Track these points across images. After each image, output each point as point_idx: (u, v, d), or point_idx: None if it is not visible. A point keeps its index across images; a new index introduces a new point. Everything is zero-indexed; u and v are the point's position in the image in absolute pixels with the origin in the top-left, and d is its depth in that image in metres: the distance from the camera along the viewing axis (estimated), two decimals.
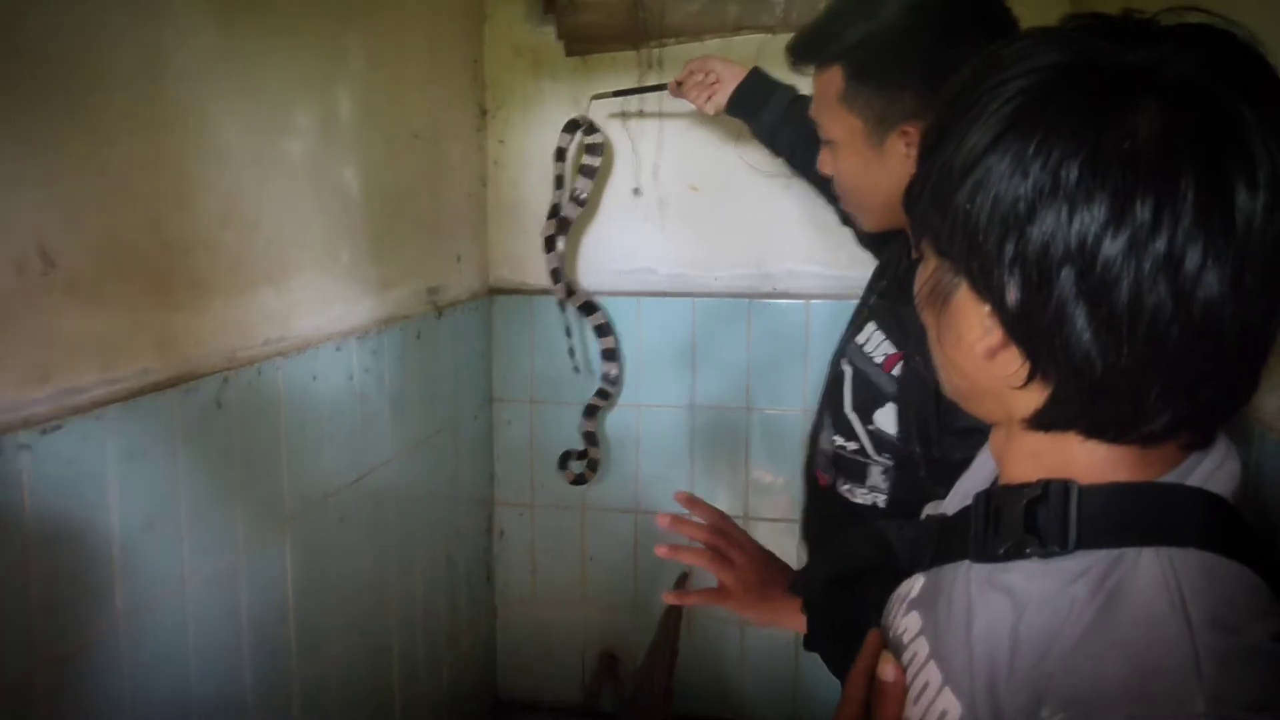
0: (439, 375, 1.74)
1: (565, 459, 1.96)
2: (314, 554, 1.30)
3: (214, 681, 1.09)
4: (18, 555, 0.83)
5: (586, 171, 1.81)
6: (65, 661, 0.87)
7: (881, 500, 1.13)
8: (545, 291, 1.92)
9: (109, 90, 0.93)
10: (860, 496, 1.14)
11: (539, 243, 1.88)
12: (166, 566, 1.01)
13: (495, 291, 2.02)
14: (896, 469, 1.10)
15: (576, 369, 1.92)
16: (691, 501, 1.04)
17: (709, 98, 1.55)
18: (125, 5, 0.94)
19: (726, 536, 1.01)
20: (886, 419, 1.09)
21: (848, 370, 1.16)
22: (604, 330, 1.92)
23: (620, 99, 1.82)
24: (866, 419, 1.12)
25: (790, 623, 0.99)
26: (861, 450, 1.13)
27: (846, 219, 1.47)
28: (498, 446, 2.06)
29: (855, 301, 1.81)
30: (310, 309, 1.30)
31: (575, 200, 1.82)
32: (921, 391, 1.03)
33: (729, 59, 1.56)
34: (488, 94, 1.96)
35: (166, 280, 1.01)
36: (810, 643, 0.97)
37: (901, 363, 1.07)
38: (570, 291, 1.87)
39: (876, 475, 1.12)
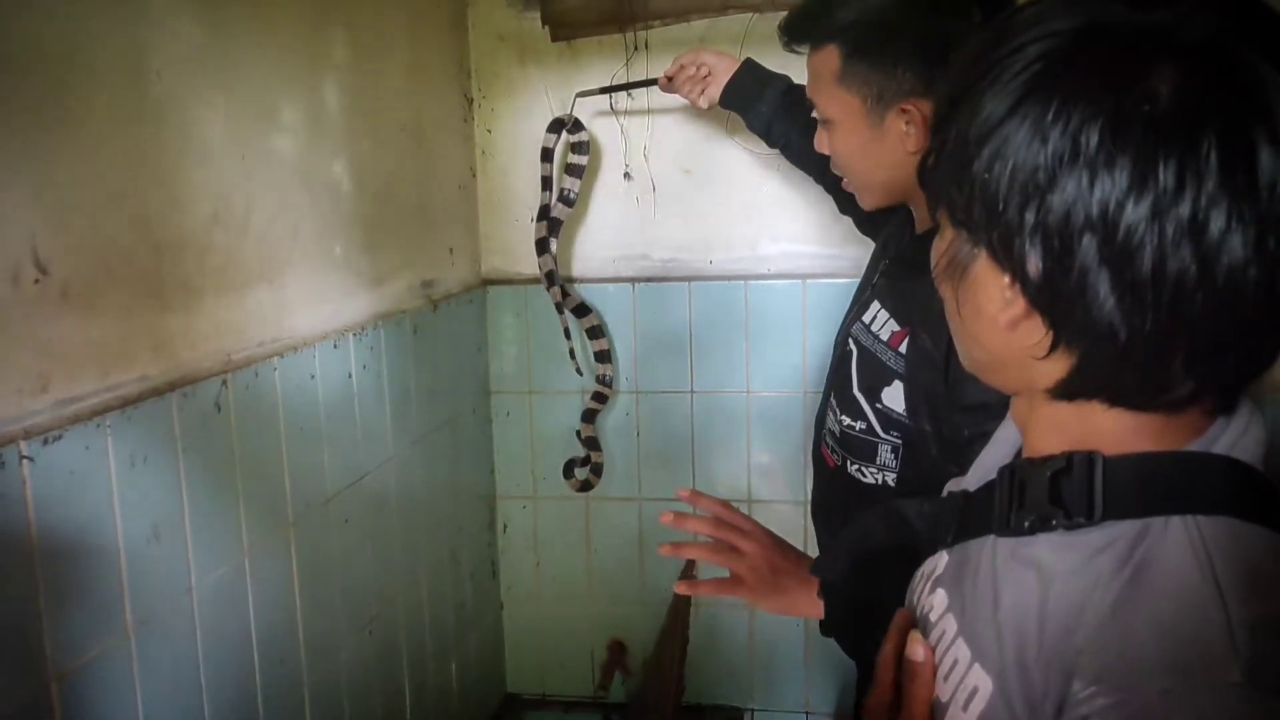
0: (437, 369, 1.73)
1: (569, 467, 1.95)
2: (319, 556, 1.29)
3: (225, 689, 1.08)
4: (24, 569, 0.81)
5: (574, 171, 1.79)
6: (76, 675, 0.86)
7: (891, 479, 1.12)
8: (539, 280, 1.91)
9: (95, 93, 0.91)
10: (870, 476, 1.14)
11: (531, 235, 1.87)
12: (173, 575, 1.00)
13: (489, 282, 2.00)
14: (905, 447, 1.10)
15: (579, 372, 1.91)
16: (695, 496, 1.03)
17: (702, 91, 1.53)
18: (108, 7, 0.92)
19: (733, 527, 1.00)
20: (894, 397, 1.09)
21: (854, 350, 1.16)
22: (597, 332, 1.89)
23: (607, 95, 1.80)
24: (874, 398, 1.11)
25: (805, 609, 0.98)
26: (869, 429, 1.13)
27: (845, 208, 1.46)
28: (497, 439, 2.05)
29: (850, 280, 1.81)
30: (305, 307, 1.28)
31: (564, 200, 1.80)
32: (929, 368, 1.02)
33: (721, 50, 1.54)
34: (473, 83, 1.94)
35: (160, 283, 1.00)
36: (827, 627, 0.96)
37: (908, 339, 1.07)
38: (565, 294, 1.85)
39: (885, 454, 1.12)
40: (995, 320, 0.56)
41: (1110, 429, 0.56)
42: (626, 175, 1.91)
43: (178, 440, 1.00)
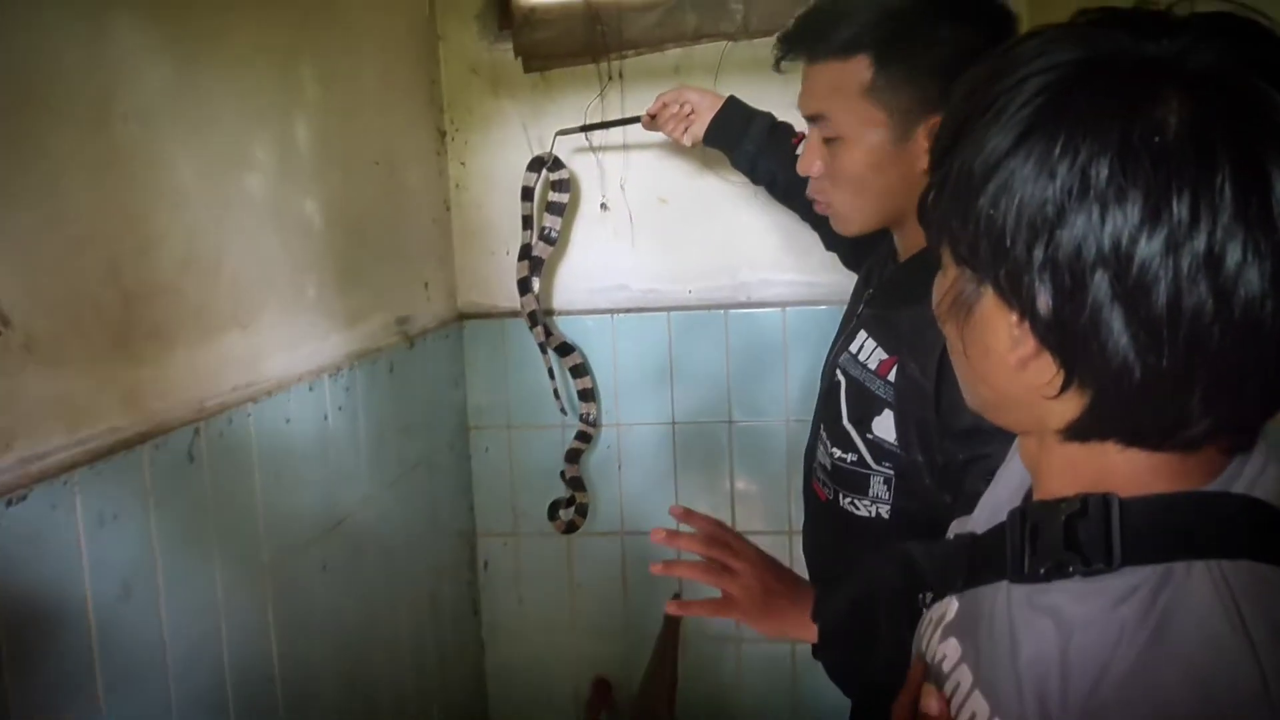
0: (414, 407, 1.69)
1: (554, 508, 1.92)
2: (297, 605, 1.25)
3: None
4: None
5: (554, 209, 1.77)
6: None
7: (885, 511, 1.10)
8: (516, 313, 1.88)
9: (59, 137, 0.87)
10: (863, 509, 1.12)
11: (507, 266, 1.84)
12: (146, 635, 0.95)
13: (465, 316, 1.97)
14: (898, 478, 1.08)
15: (564, 411, 1.88)
16: (687, 514, 1.01)
17: (685, 129, 1.52)
18: (72, 51, 0.90)
19: (725, 546, 0.98)
20: (885, 427, 1.07)
21: (842, 380, 1.14)
22: (580, 371, 1.87)
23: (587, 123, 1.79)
24: (864, 429, 1.09)
25: (798, 631, 0.96)
26: (861, 461, 1.11)
27: (831, 244, 1.45)
28: (477, 476, 2.01)
29: (830, 307, 1.80)
30: (279, 349, 1.25)
31: (545, 239, 1.78)
32: (919, 396, 1.01)
33: (703, 89, 1.53)
34: (446, 116, 1.92)
35: (128, 332, 0.96)
36: (819, 651, 0.94)
37: (896, 367, 1.05)
38: (549, 333, 1.82)
39: (878, 486, 1.10)
40: (1004, 359, 0.54)
41: (1125, 469, 0.54)
42: (603, 206, 1.89)
43: (149, 493, 0.96)
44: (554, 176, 1.76)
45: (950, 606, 0.65)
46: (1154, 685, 0.47)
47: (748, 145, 1.45)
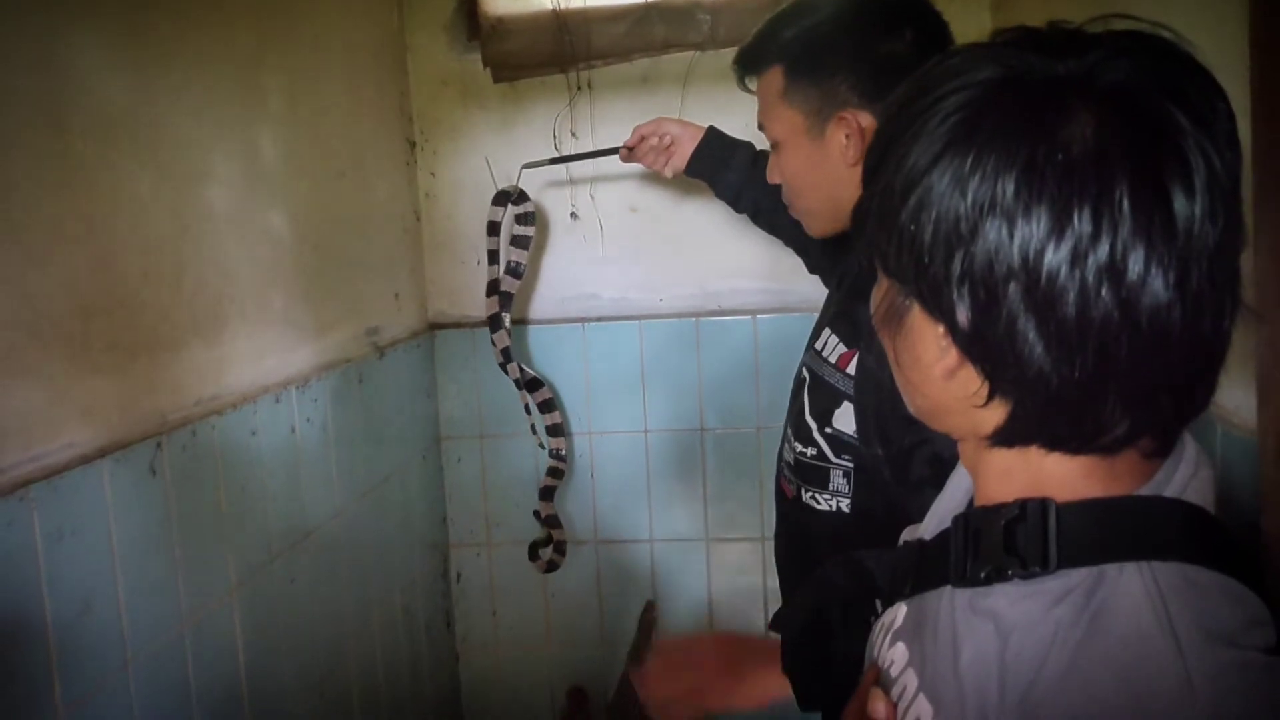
0: (384, 418, 1.69)
1: (534, 549, 1.91)
2: (265, 620, 1.24)
3: None
4: None
5: (520, 242, 1.76)
6: None
7: (845, 505, 1.12)
8: (486, 324, 1.88)
9: (15, 152, 0.87)
10: (823, 503, 1.13)
11: (479, 275, 1.84)
12: (107, 651, 0.95)
13: (436, 326, 1.97)
14: (857, 471, 1.10)
15: (543, 446, 1.89)
16: None
17: (666, 161, 1.52)
18: (28, 63, 0.89)
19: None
20: (844, 419, 1.09)
21: (807, 377, 1.17)
22: (549, 406, 1.86)
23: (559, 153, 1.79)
24: (824, 422, 1.12)
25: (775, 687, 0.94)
26: (821, 455, 1.13)
27: (814, 266, 1.47)
28: (449, 487, 2.01)
29: (800, 315, 1.82)
30: (244, 362, 1.24)
31: (512, 273, 1.77)
32: (876, 386, 1.03)
33: (683, 120, 1.52)
34: (415, 126, 1.93)
35: (87, 345, 0.96)
36: (776, 624, 0.95)
37: (855, 360, 1.08)
38: (521, 369, 1.82)
39: (838, 479, 1.12)
40: (932, 369, 0.56)
41: (1058, 474, 0.55)
42: (573, 215, 1.90)
43: (109, 509, 0.96)
44: (518, 210, 1.75)
45: (899, 612, 0.66)
46: (1085, 684, 0.48)
47: (730, 175, 1.46)
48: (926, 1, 1.09)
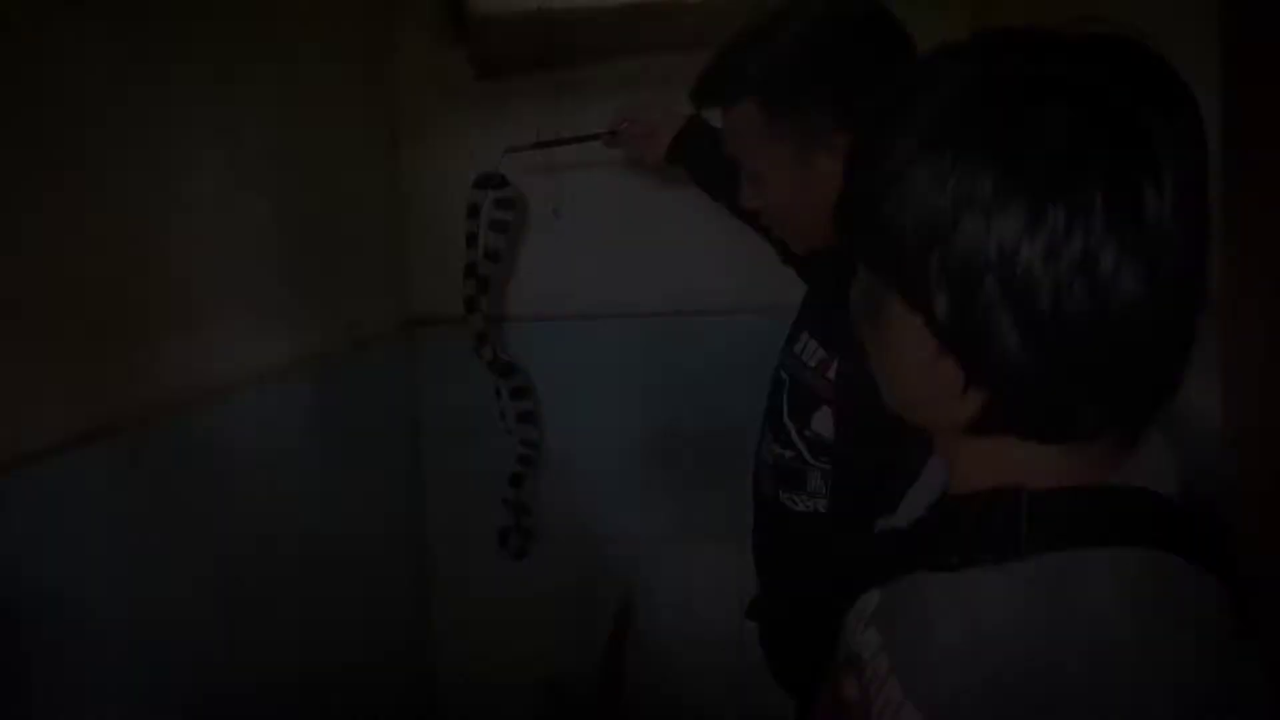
0: (364, 412, 1.69)
1: (504, 536, 1.91)
2: (240, 614, 1.24)
3: None
4: None
5: (498, 226, 1.75)
6: None
7: (822, 505, 1.13)
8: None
9: None
10: (801, 504, 1.14)
11: (459, 272, 1.84)
12: (77, 647, 0.94)
13: (416, 322, 1.97)
14: (835, 472, 1.11)
15: (510, 432, 1.87)
16: None
17: (647, 148, 1.52)
18: (6, 51, 0.89)
19: None
20: (823, 422, 1.10)
21: (786, 379, 1.17)
22: (522, 393, 1.84)
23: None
24: (803, 424, 1.13)
25: None
26: (799, 457, 1.14)
27: (788, 259, 1.48)
28: (428, 483, 2.01)
29: (779, 315, 1.82)
30: (221, 355, 1.24)
31: (491, 257, 1.76)
32: (859, 389, 1.03)
33: (667, 106, 1.51)
34: (399, 122, 1.92)
35: (60, 336, 0.95)
36: (753, 612, 0.95)
37: (836, 365, 1.08)
38: (495, 354, 1.81)
39: (815, 481, 1.13)
40: (912, 361, 0.57)
41: (1031, 464, 0.57)
42: (554, 212, 1.90)
43: (82, 500, 0.95)
44: (499, 195, 1.75)
45: (873, 598, 0.67)
46: (1051, 665, 0.50)
47: (711, 165, 1.46)
48: (889, 15, 1.06)
